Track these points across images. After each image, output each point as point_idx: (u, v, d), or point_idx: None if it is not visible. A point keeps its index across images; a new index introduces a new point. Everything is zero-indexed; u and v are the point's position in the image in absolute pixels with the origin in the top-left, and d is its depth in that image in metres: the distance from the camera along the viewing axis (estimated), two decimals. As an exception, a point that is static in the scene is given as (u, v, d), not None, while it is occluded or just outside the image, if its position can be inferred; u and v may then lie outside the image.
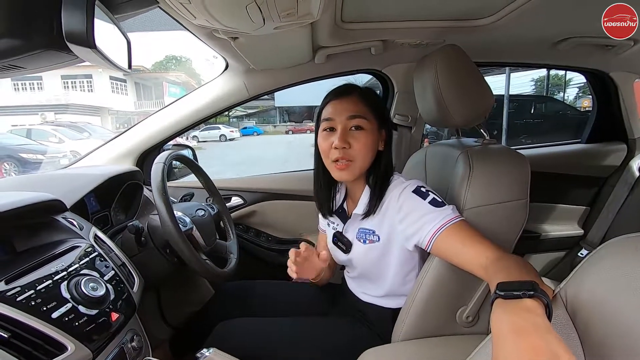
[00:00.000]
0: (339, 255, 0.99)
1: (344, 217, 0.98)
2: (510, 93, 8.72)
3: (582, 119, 7.59)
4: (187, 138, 17.45)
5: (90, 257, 0.75)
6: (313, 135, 0.94)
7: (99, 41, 0.58)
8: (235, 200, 1.52)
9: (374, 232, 0.89)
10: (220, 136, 18.72)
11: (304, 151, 13.47)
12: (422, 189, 0.82)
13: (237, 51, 0.99)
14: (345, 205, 1.00)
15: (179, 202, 1.26)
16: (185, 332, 1.28)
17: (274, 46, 1.02)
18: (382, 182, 0.88)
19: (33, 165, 8.05)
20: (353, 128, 0.84)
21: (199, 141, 17.98)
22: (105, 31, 0.62)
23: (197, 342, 0.99)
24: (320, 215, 1.10)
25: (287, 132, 22.54)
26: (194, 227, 1.04)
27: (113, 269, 0.77)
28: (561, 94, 12.22)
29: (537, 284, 0.48)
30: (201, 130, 18.30)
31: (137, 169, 1.24)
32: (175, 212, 1.01)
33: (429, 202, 0.79)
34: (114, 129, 18.78)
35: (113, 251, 0.85)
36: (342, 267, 1.09)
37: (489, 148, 0.95)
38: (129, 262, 0.87)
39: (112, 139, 1.35)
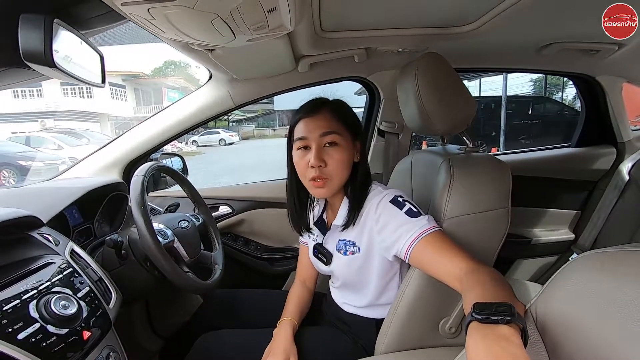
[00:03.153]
0: (321, 267, 0.99)
1: (324, 228, 0.97)
2: (509, 94, 8.72)
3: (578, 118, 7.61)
4: (186, 143, 17.53)
5: (64, 273, 0.74)
6: None
7: (63, 59, 0.58)
8: (223, 209, 1.51)
9: (354, 243, 0.89)
10: (219, 140, 18.76)
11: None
12: (400, 199, 0.82)
13: (217, 62, 0.99)
14: (324, 216, 0.99)
15: (164, 212, 1.25)
16: (175, 343, 1.27)
17: (253, 57, 1.01)
18: (360, 193, 0.88)
19: (31, 172, 8.06)
20: (327, 145, 0.84)
21: (198, 146, 18.03)
22: (72, 48, 0.62)
23: (187, 353, 0.98)
24: None
25: (286, 136, 22.44)
26: (176, 239, 1.03)
27: (88, 285, 0.76)
28: (559, 94, 12.21)
29: (514, 307, 0.47)
30: (200, 135, 18.36)
31: (121, 180, 1.23)
32: (156, 224, 1.01)
33: (405, 212, 0.79)
34: (113, 135, 18.82)
35: (90, 266, 0.84)
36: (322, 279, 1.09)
37: (471, 156, 0.95)
38: (107, 277, 0.86)
39: (97, 150, 1.35)
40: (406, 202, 0.81)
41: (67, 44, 0.59)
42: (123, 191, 1.24)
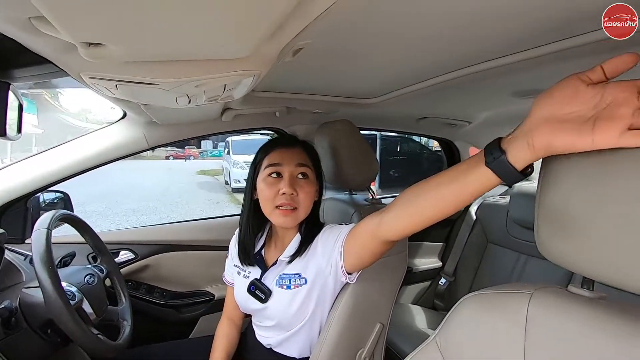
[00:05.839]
0: (253, 305, 0.96)
1: (262, 264, 0.97)
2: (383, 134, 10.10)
3: (433, 156, 9.31)
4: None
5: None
6: (195, 161, 0.95)
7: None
8: (125, 255, 1.38)
9: (300, 275, 0.90)
10: (83, 160, 16.01)
11: (186, 179, 12.63)
12: (345, 223, 0.90)
13: (144, 110, 0.97)
14: (263, 252, 0.99)
15: (58, 265, 1.09)
16: None
17: (183, 109, 1.02)
18: (313, 230, 0.93)
19: None
20: (300, 175, 0.90)
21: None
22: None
23: None
24: (227, 265, 1.09)
25: (167, 158, 20.89)
26: (84, 297, 0.92)
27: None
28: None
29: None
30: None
31: (2, 230, 1.03)
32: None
33: (346, 224, 0.88)
34: None
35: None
36: (247, 316, 1.09)
37: (377, 207, 1.15)
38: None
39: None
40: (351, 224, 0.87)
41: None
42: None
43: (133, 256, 1.39)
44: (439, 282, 1.91)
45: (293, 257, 0.91)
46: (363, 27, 0.62)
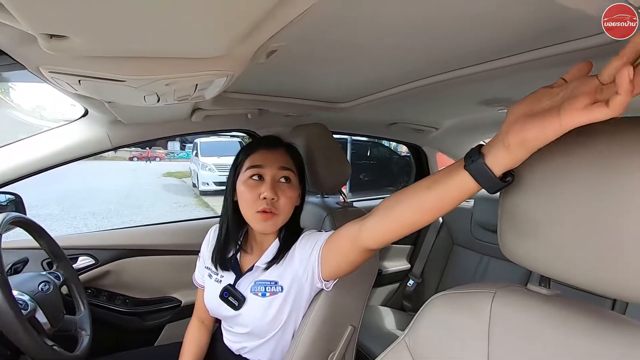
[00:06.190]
0: (225, 312, 0.92)
1: (237, 269, 0.93)
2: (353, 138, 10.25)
3: (401, 161, 9.57)
4: None
5: None
6: (162, 163, 0.91)
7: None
8: (84, 261, 1.30)
9: (276, 282, 0.88)
10: (36, 160, 14.94)
11: (152, 181, 12.15)
12: (324, 231, 0.88)
13: (108, 108, 0.92)
14: (238, 257, 0.95)
15: (9, 272, 1.01)
16: None
17: (151, 108, 0.99)
18: (292, 237, 0.91)
19: None
20: (282, 179, 0.87)
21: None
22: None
23: None
24: (197, 265, 1.05)
25: (130, 159, 20.08)
26: (37, 306, 0.86)
27: None
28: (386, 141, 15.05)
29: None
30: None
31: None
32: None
33: (325, 232, 0.85)
34: None
35: None
36: (217, 320, 1.06)
37: (349, 211, 1.16)
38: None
39: None
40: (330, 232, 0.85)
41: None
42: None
43: (93, 262, 1.31)
44: (407, 284, 1.96)
45: (270, 264, 0.88)
46: (337, 32, 0.63)
